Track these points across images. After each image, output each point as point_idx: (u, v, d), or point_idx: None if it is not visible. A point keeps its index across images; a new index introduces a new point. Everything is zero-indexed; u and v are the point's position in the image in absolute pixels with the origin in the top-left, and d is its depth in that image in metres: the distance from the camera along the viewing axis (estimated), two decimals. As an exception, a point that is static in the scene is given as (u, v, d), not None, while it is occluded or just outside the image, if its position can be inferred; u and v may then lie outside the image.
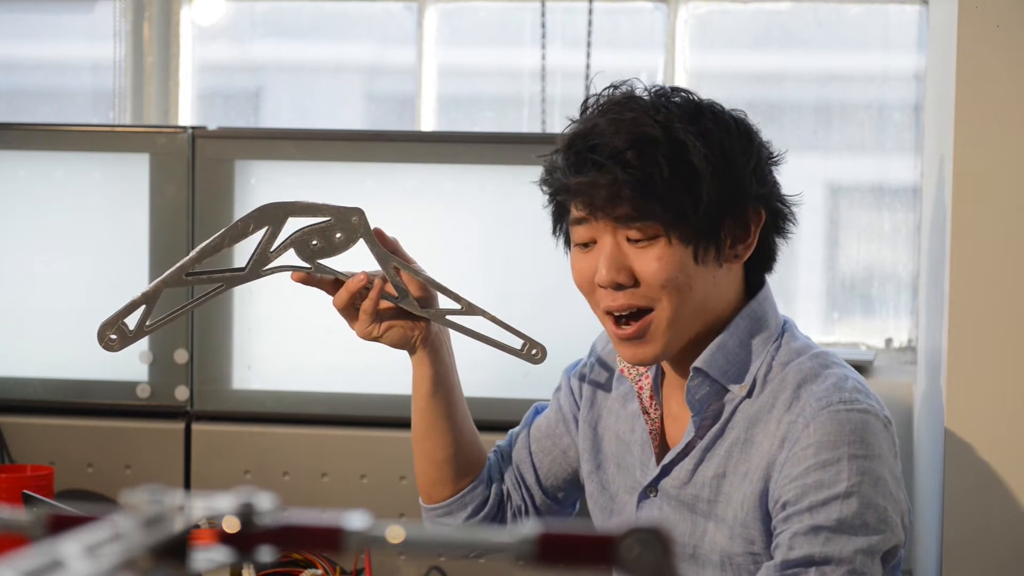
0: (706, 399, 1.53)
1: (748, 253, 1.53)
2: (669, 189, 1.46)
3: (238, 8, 2.79)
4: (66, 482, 2.26)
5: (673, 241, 1.47)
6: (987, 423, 1.89)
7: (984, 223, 1.89)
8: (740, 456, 1.52)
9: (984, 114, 1.89)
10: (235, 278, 1.59)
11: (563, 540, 0.76)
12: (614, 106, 1.52)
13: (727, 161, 1.49)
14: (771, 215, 1.55)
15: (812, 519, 1.43)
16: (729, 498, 1.51)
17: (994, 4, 1.89)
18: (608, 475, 1.67)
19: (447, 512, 1.73)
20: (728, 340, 1.53)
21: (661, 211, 1.46)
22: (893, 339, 2.59)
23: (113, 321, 1.56)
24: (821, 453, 1.45)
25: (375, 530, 0.77)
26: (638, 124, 1.48)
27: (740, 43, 2.67)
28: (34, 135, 2.32)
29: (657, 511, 1.57)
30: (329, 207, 1.58)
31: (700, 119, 1.50)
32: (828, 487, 1.44)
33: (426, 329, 1.64)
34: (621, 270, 1.49)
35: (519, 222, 2.21)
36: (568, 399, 1.74)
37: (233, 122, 2.78)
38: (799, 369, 1.52)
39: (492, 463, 1.76)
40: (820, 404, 1.47)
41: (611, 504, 1.66)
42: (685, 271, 1.48)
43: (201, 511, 0.77)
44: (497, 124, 2.72)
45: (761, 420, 1.51)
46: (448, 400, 1.68)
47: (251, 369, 2.26)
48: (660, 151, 1.46)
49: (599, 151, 1.48)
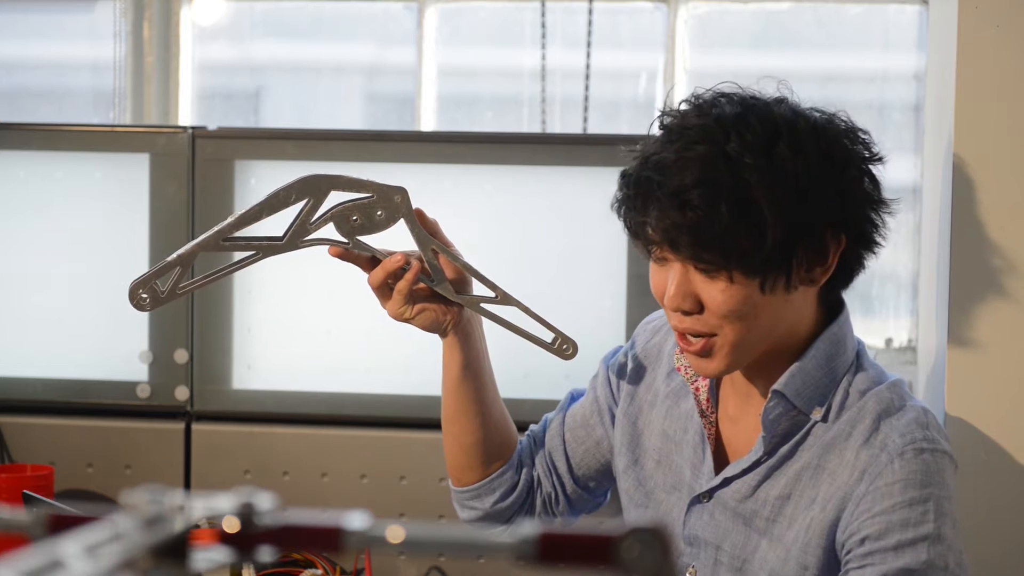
0: (779, 419, 1.51)
1: (825, 277, 1.48)
2: (729, 234, 1.40)
3: (238, 8, 2.79)
4: (66, 482, 2.26)
5: (736, 277, 1.43)
6: (987, 423, 1.89)
7: (984, 223, 1.89)
8: (809, 481, 1.50)
9: (984, 114, 1.89)
10: (272, 247, 1.56)
11: (563, 540, 0.76)
12: (687, 131, 1.45)
13: (801, 193, 1.42)
14: (854, 236, 1.48)
15: (900, 560, 1.42)
16: (792, 520, 1.50)
17: (994, 4, 1.89)
18: (645, 471, 1.66)
19: (475, 496, 1.72)
20: (808, 364, 1.50)
21: (720, 256, 1.42)
22: (893, 339, 2.59)
23: (146, 281, 1.54)
24: (908, 491, 1.43)
25: (375, 530, 0.77)
26: (704, 161, 1.41)
27: (740, 43, 2.67)
28: (34, 135, 2.32)
29: (708, 517, 1.56)
30: (373, 184, 1.57)
31: (776, 144, 1.43)
32: (915, 527, 1.43)
33: (458, 314, 1.62)
34: (687, 297, 1.46)
35: (519, 222, 2.21)
36: (605, 390, 1.73)
37: (233, 122, 2.78)
38: (879, 399, 1.50)
39: (524, 447, 1.75)
40: (904, 441, 1.45)
41: (647, 501, 1.65)
42: (750, 302, 1.44)
43: (201, 511, 0.77)
44: (497, 124, 2.72)
45: (836, 448, 1.49)
46: (477, 385, 1.66)
47: (251, 369, 2.26)
48: (723, 194, 1.40)
49: (663, 188, 1.43)
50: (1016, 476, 1.89)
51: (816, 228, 1.44)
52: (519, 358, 1.67)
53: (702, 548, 1.57)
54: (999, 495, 1.88)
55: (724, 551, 1.55)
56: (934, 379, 2.00)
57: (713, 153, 1.42)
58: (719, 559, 1.55)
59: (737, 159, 1.41)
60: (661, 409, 1.66)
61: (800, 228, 1.43)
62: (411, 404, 2.21)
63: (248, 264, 1.58)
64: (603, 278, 2.21)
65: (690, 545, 1.58)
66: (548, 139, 2.38)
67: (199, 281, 1.58)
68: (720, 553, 1.55)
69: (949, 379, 1.90)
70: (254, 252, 1.57)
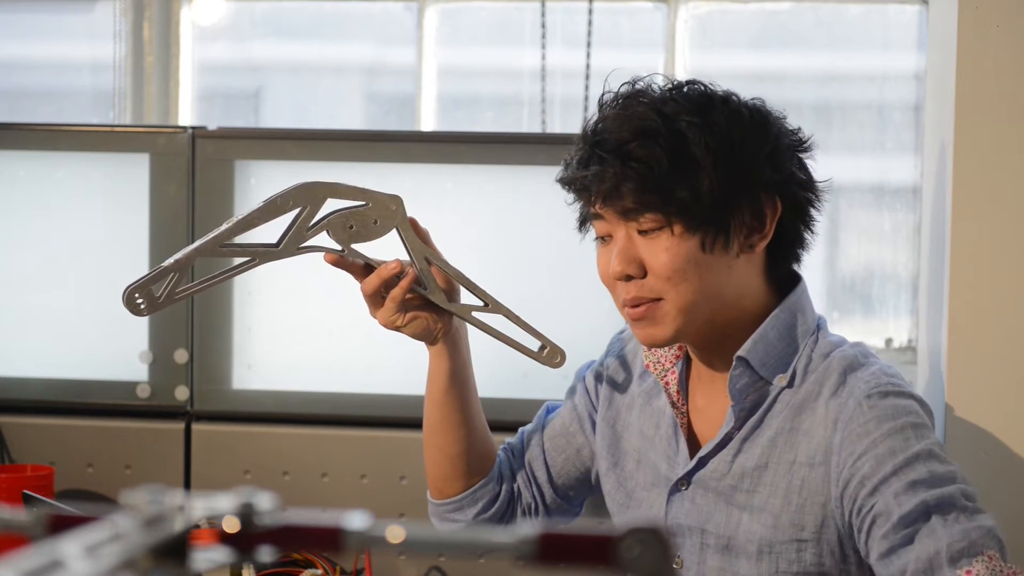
0: (746, 389, 1.54)
1: (764, 243, 1.54)
2: (668, 180, 1.48)
3: (238, 8, 2.79)
4: (66, 482, 2.26)
5: (676, 231, 1.49)
6: (987, 423, 1.89)
7: (984, 223, 1.89)
8: (785, 445, 1.53)
9: (984, 114, 1.89)
10: (268, 253, 1.57)
11: (563, 540, 0.76)
12: (625, 100, 1.54)
13: (734, 150, 1.50)
14: (790, 204, 1.55)
15: (906, 477, 1.44)
16: (774, 488, 1.52)
17: (994, 4, 1.89)
18: (625, 472, 1.68)
19: (457, 508, 1.74)
20: (768, 332, 1.54)
21: (660, 202, 1.48)
22: (893, 339, 2.59)
23: (143, 286, 1.54)
24: (882, 424, 1.46)
25: (375, 530, 0.77)
26: (642, 118, 1.50)
27: (740, 43, 2.67)
28: (34, 135, 2.32)
29: (689, 503, 1.58)
30: (369, 192, 1.58)
31: (709, 110, 1.52)
32: (903, 451, 1.45)
33: (448, 323, 1.64)
34: (631, 262, 1.51)
35: (519, 222, 2.22)
36: (584, 398, 1.75)
37: (233, 122, 2.78)
38: (843, 357, 1.54)
39: (502, 461, 1.77)
40: (869, 386, 1.49)
41: (627, 501, 1.67)
42: (693, 260, 1.49)
43: (201, 511, 0.77)
44: (497, 124, 2.72)
45: (807, 408, 1.53)
46: (463, 393, 1.68)
47: (251, 369, 2.26)
48: (659, 143, 1.48)
49: (604, 145, 1.51)
50: (1017, 475, 1.89)
51: (751, 187, 1.51)
52: (518, 358, 1.67)
53: (686, 536, 1.58)
54: (999, 494, 1.88)
55: (709, 533, 1.56)
56: (934, 379, 2.00)
57: (650, 112, 1.50)
58: (705, 542, 1.57)
59: (673, 116, 1.50)
60: (636, 410, 1.69)
61: (735, 182, 1.50)
62: (411, 404, 2.21)
63: (245, 270, 1.58)
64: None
65: (673, 536, 1.59)
66: (548, 139, 2.38)
67: (196, 286, 1.59)
68: (705, 536, 1.57)
69: (949, 379, 1.90)
70: (251, 258, 1.57)
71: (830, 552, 1.50)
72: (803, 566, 1.51)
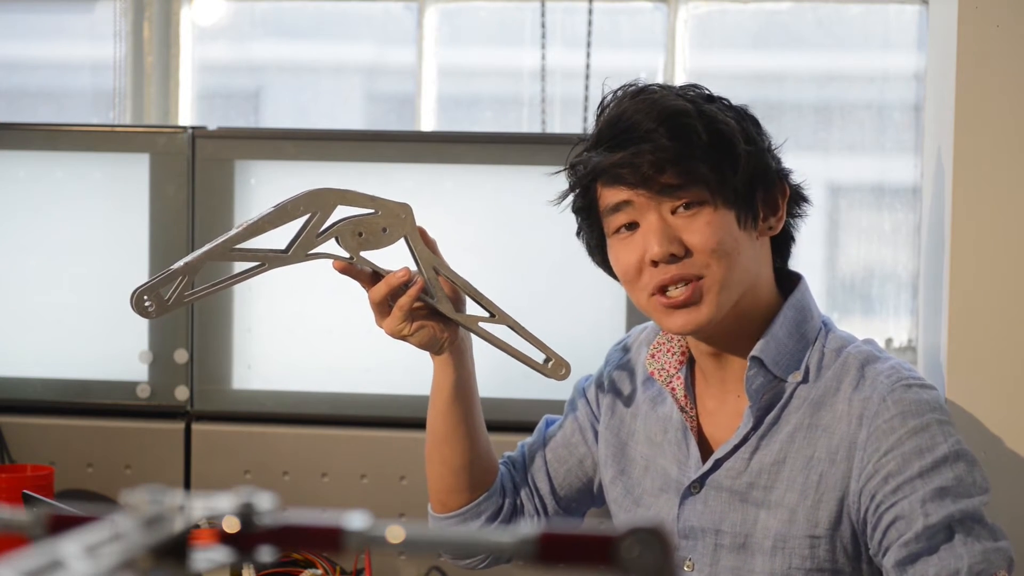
0: (762, 388, 1.55)
1: (780, 226, 1.57)
2: (710, 152, 1.50)
3: (238, 8, 2.79)
4: (66, 482, 2.26)
5: (719, 206, 1.51)
6: (987, 422, 1.89)
7: (984, 223, 1.89)
8: (804, 441, 1.53)
9: (984, 114, 1.89)
10: (278, 258, 1.57)
11: (563, 540, 0.76)
12: (639, 91, 1.55)
13: (749, 135, 1.54)
14: (793, 190, 1.60)
15: (931, 483, 1.46)
16: (791, 483, 1.53)
17: (994, 4, 1.89)
18: (633, 479, 1.68)
19: (461, 521, 1.71)
20: (778, 330, 1.56)
21: (707, 172, 1.50)
22: (893, 339, 2.59)
23: (152, 288, 1.54)
24: (908, 421, 1.48)
25: (375, 530, 0.77)
26: (667, 100, 1.52)
27: (740, 43, 2.67)
28: (34, 135, 2.32)
29: (702, 505, 1.58)
30: (378, 199, 1.58)
31: (716, 100, 1.57)
32: (930, 451, 1.47)
33: (454, 332, 1.63)
34: (673, 241, 1.51)
35: (519, 222, 2.22)
36: (585, 409, 1.75)
37: (233, 122, 2.78)
38: (858, 352, 1.56)
39: (504, 474, 1.77)
40: (892, 380, 1.51)
41: (635, 508, 1.67)
42: (732, 235, 1.51)
43: (201, 511, 0.77)
44: (497, 124, 2.72)
45: (827, 403, 1.54)
46: (469, 404, 1.68)
47: (251, 369, 2.26)
48: (693, 120, 1.50)
49: (635, 129, 1.51)
50: (1017, 474, 1.89)
51: (767, 172, 1.55)
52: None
53: (699, 538, 1.58)
54: (999, 494, 1.87)
55: (724, 533, 1.56)
56: (934, 379, 2.00)
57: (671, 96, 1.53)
58: (719, 543, 1.57)
59: (694, 100, 1.53)
60: (642, 417, 1.69)
61: (757, 164, 1.53)
62: (411, 404, 2.21)
63: (254, 275, 1.58)
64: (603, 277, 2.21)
65: (685, 538, 1.60)
66: (548, 139, 2.38)
67: (205, 289, 1.59)
68: (720, 536, 1.57)
69: (949, 379, 1.90)
70: (260, 263, 1.57)
71: (843, 549, 1.51)
72: (816, 563, 1.52)
